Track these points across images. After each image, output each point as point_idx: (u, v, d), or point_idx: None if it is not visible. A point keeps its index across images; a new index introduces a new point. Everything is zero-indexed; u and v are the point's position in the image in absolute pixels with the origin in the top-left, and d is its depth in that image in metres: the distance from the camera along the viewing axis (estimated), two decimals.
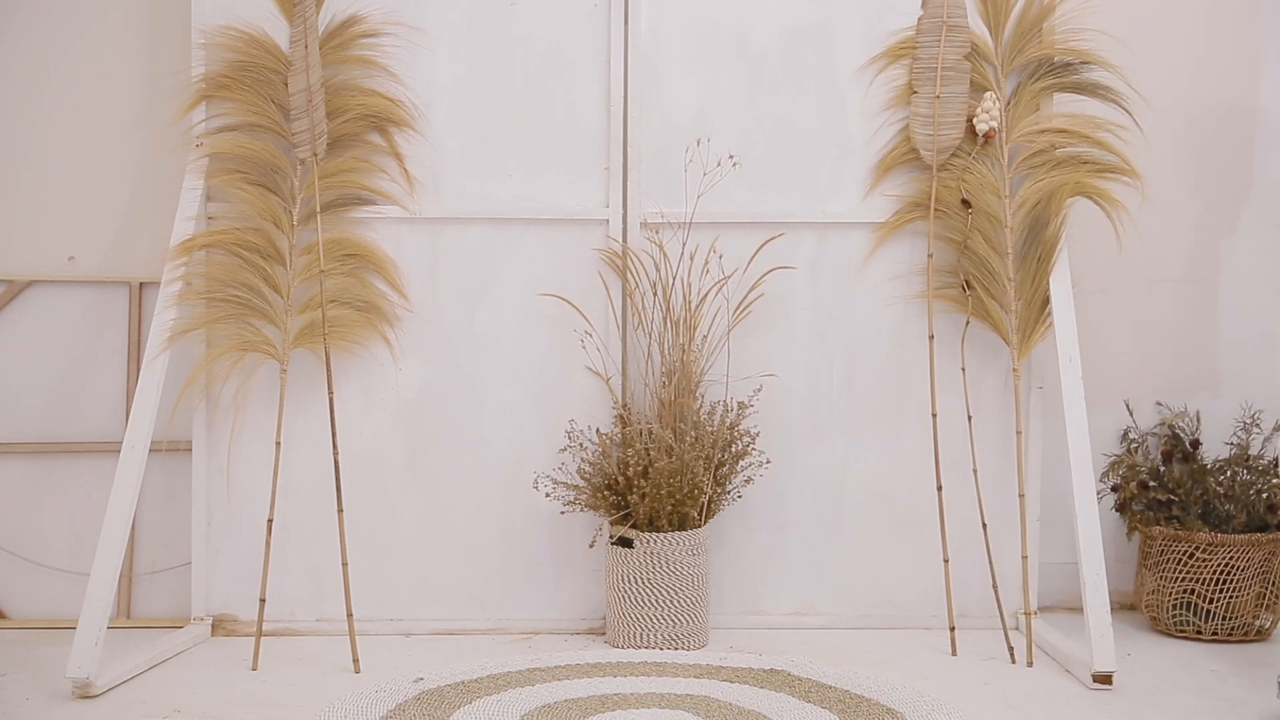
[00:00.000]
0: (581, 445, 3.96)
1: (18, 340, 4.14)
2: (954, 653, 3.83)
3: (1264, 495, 4.03)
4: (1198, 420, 4.20)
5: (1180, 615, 3.99)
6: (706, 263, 3.97)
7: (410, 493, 4.03)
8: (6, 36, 4.14)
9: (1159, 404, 4.29)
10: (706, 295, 3.97)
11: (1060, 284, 3.90)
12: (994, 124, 3.93)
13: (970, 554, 3.95)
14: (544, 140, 4.03)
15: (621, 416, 3.94)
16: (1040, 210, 3.96)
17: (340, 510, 3.74)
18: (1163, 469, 4.13)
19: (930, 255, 3.98)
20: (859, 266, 4.06)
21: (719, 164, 3.97)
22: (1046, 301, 3.92)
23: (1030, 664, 3.74)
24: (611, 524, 3.83)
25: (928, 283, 3.98)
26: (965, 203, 3.96)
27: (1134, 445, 4.21)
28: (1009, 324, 3.96)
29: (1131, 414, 4.25)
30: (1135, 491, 4.10)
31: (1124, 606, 4.24)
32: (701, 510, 3.84)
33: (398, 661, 3.72)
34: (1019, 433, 3.99)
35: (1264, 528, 4.00)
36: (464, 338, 4.03)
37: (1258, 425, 4.16)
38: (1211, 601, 3.95)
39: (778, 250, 4.00)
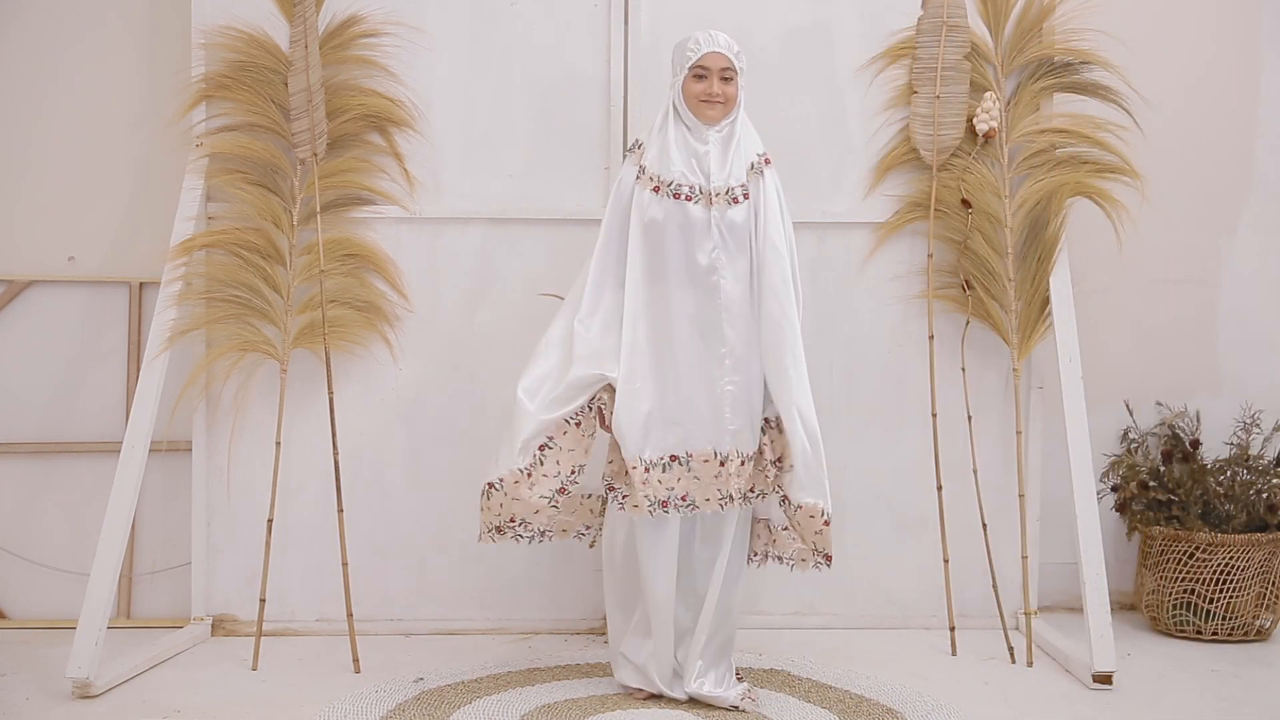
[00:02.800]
0: None
1: (18, 340, 4.14)
2: (954, 653, 3.83)
3: (1264, 495, 4.03)
4: (1198, 420, 4.20)
5: (1180, 615, 3.99)
6: None
7: (410, 493, 4.03)
8: (7, 37, 4.14)
9: (1159, 404, 4.28)
10: None
11: (1060, 284, 3.90)
12: (994, 124, 3.93)
13: (970, 554, 3.95)
14: (544, 140, 4.03)
15: None
16: (1040, 210, 3.96)
17: (340, 510, 3.74)
18: (1163, 469, 4.13)
19: (930, 255, 3.98)
20: (859, 266, 4.06)
21: None
22: (1046, 301, 3.92)
23: (1030, 664, 3.74)
24: None
25: (928, 283, 3.98)
26: (965, 203, 3.96)
27: (1134, 445, 4.21)
28: (1009, 324, 3.96)
29: (1131, 414, 4.25)
30: (1135, 491, 4.10)
31: (1124, 606, 4.24)
32: None
33: (398, 661, 3.72)
34: (1019, 433, 3.99)
35: (1264, 528, 4.00)
36: (464, 338, 4.03)
37: (1258, 425, 4.16)
38: (1211, 601, 3.95)
39: None
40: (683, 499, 3.25)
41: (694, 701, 3.36)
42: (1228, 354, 4.35)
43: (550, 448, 3.24)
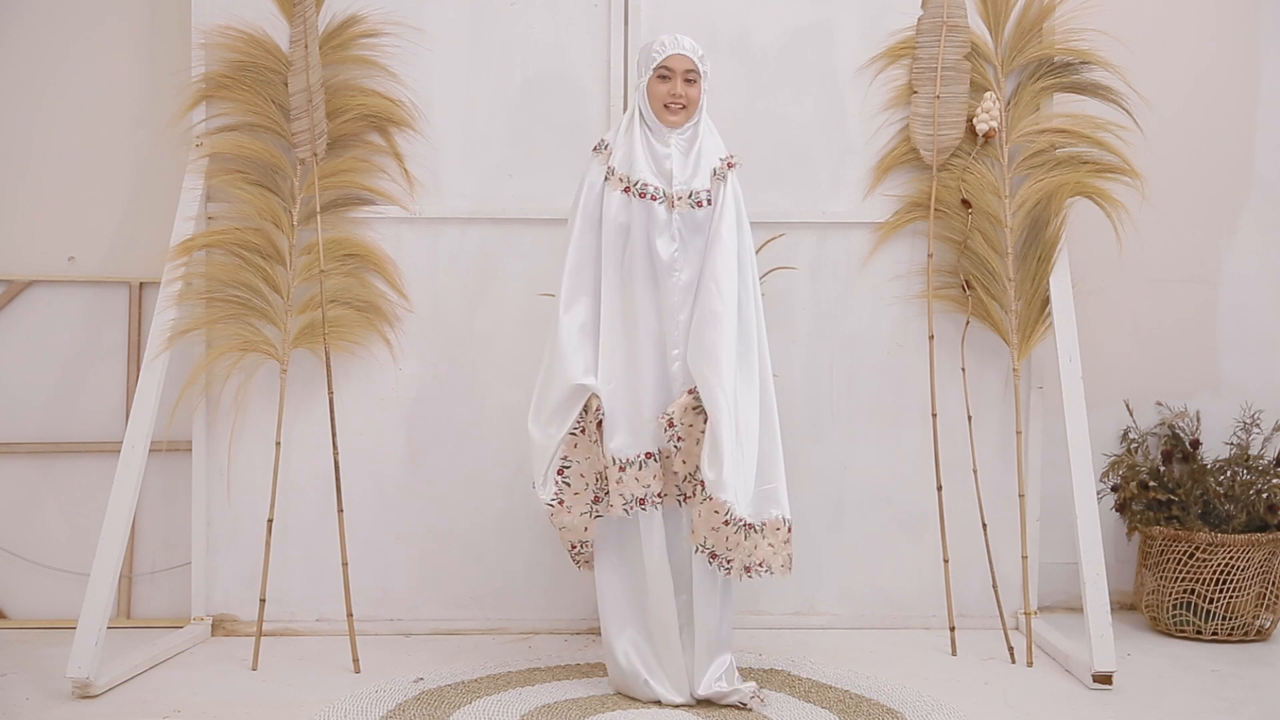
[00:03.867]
0: None
1: (18, 340, 4.14)
2: (954, 653, 3.83)
3: (1264, 495, 4.03)
4: (1198, 420, 4.20)
5: (1180, 615, 3.99)
6: None
7: (410, 493, 4.03)
8: (7, 37, 4.14)
9: (1159, 404, 4.29)
10: None
11: (1060, 284, 3.90)
12: (994, 124, 3.93)
13: (970, 554, 3.95)
14: (544, 140, 4.03)
15: None
16: (1040, 210, 3.96)
17: (340, 510, 3.74)
18: (1163, 469, 4.13)
19: (930, 255, 3.98)
20: (859, 266, 4.06)
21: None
22: (1046, 301, 3.92)
23: (1030, 664, 3.74)
24: None
25: (928, 283, 3.98)
26: (965, 203, 3.96)
27: (1134, 445, 4.21)
28: (1009, 324, 3.96)
29: (1131, 414, 4.25)
30: (1135, 491, 4.10)
31: (1124, 606, 4.24)
32: None
33: (398, 661, 3.72)
34: (1019, 433, 3.99)
35: (1264, 528, 4.00)
36: (464, 338, 4.03)
37: (1258, 425, 4.16)
38: (1211, 601, 3.95)
39: (778, 250, 3.99)
40: (659, 495, 3.29)
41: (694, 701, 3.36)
42: (1228, 354, 4.35)
43: (568, 466, 3.30)
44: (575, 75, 4.03)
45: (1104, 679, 3.52)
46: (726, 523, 3.18)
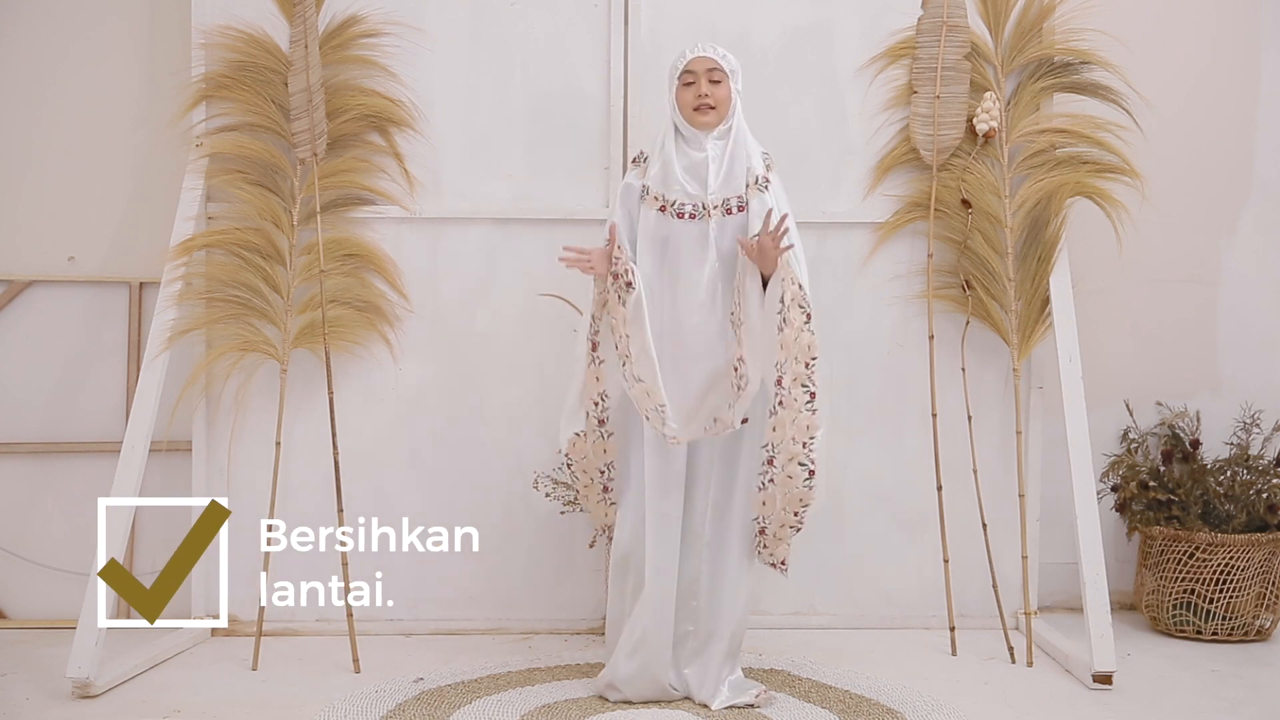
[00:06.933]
0: None
1: (18, 340, 4.14)
2: (954, 653, 3.83)
3: (1264, 495, 4.03)
4: (1198, 420, 4.20)
5: (1180, 615, 3.99)
6: None
7: (410, 492, 4.03)
8: (7, 37, 4.14)
9: (1159, 404, 4.28)
10: None
11: (1060, 284, 3.91)
12: (994, 124, 3.93)
13: (970, 554, 3.95)
14: (544, 140, 4.03)
15: None
16: (1040, 210, 3.96)
17: (340, 510, 3.74)
18: (1163, 469, 4.13)
19: (930, 255, 3.98)
20: (859, 267, 4.06)
21: None
22: (1046, 301, 3.92)
23: (1030, 664, 3.74)
24: None
25: (928, 283, 3.98)
26: (965, 203, 3.96)
27: (1134, 445, 4.21)
28: (1009, 324, 3.96)
29: (1131, 414, 4.25)
30: (1135, 491, 4.10)
31: (1124, 606, 4.24)
32: None
33: (398, 661, 3.72)
34: (1019, 433, 3.99)
35: (1264, 528, 4.00)
36: (464, 338, 4.03)
37: (1258, 425, 4.16)
38: (1211, 601, 3.95)
39: None
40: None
41: (691, 700, 3.36)
42: (1228, 354, 4.35)
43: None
44: (575, 75, 4.03)
45: (1104, 679, 3.52)
46: (813, 438, 3.28)
